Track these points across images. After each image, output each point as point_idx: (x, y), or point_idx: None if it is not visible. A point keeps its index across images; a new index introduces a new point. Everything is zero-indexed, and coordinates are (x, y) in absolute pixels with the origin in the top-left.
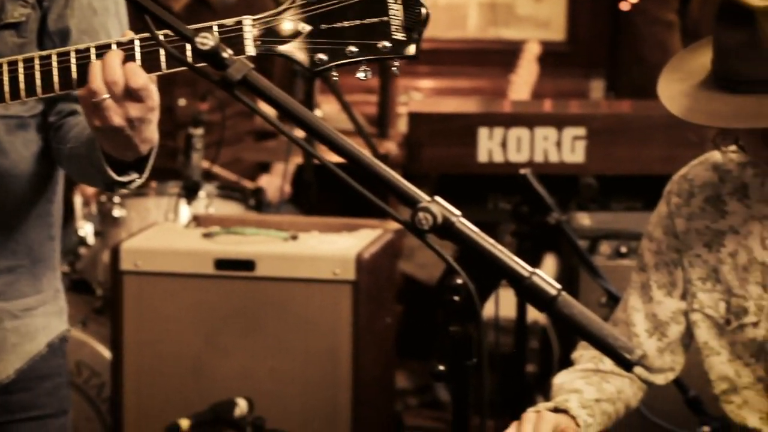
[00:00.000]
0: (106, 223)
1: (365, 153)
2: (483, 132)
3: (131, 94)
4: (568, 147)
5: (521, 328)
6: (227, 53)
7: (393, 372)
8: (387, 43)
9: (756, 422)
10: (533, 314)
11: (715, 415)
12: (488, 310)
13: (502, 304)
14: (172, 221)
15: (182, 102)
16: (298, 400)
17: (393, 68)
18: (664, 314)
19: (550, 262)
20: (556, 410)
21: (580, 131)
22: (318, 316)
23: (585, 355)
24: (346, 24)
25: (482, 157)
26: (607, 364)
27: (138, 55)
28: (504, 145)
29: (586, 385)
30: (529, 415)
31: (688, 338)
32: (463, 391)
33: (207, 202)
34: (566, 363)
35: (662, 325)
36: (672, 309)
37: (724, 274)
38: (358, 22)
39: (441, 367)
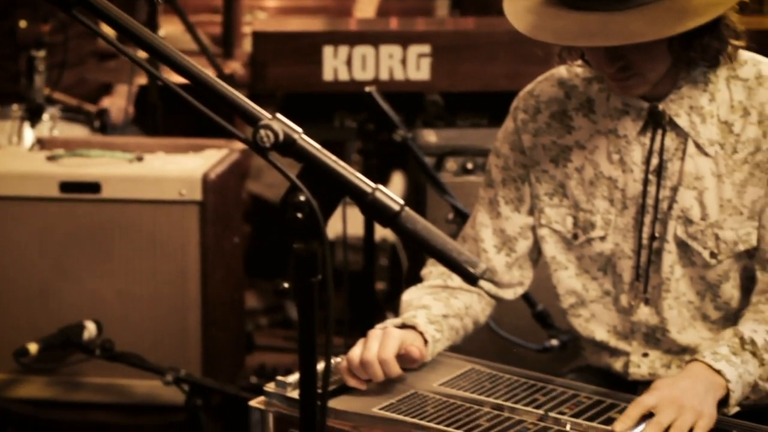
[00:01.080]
0: None
1: (208, 73)
2: (328, 50)
3: None
4: (413, 64)
5: (369, 245)
6: None
7: (242, 292)
8: None
9: (603, 335)
10: (382, 232)
11: (563, 329)
12: (337, 228)
13: (351, 222)
14: (16, 145)
15: (23, 24)
16: (147, 321)
17: None
18: (512, 229)
19: (397, 179)
20: (403, 326)
21: (425, 49)
22: (165, 238)
23: (434, 271)
24: None
25: (328, 75)
26: (456, 280)
27: None
28: (349, 63)
29: (434, 301)
30: (376, 332)
31: (536, 253)
32: (309, 309)
33: (51, 125)
34: (415, 280)
35: (510, 240)
36: (520, 224)
37: (570, 189)
38: None
39: (285, 285)
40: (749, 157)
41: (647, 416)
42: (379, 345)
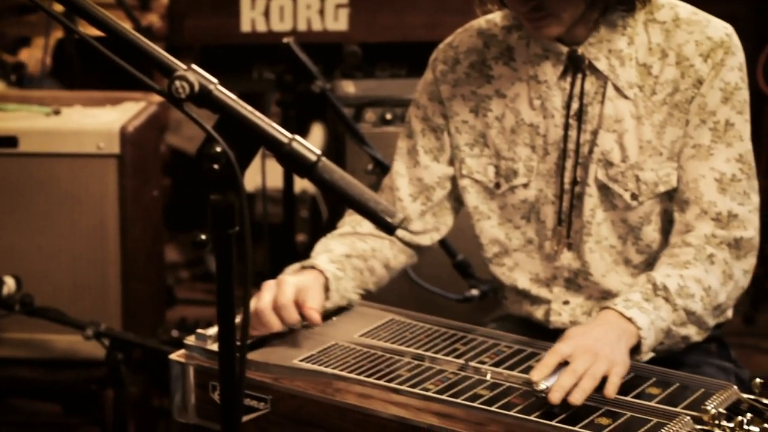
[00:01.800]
0: None
1: (124, 26)
2: (245, 2)
3: None
4: (331, 15)
5: (289, 197)
6: None
7: (162, 246)
8: None
9: (526, 283)
10: (302, 184)
11: (483, 279)
12: (256, 181)
13: (271, 174)
14: None
15: None
16: (67, 276)
17: None
18: (430, 179)
19: (316, 130)
20: (303, 269)
21: None
22: (84, 192)
23: (346, 221)
24: None
25: (245, 26)
26: (365, 227)
27: None
28: (267, 14)
29: (339, 245)
30: (269, 283)
31: (454, 201)
32: (226, 261)
33: None
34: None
35: (427, 189)
36: (438, 174)
37: (491, 138)
38: None
39: (203, 237)
40: (668, 98)
41: (562, 364)
42: (272, 294)
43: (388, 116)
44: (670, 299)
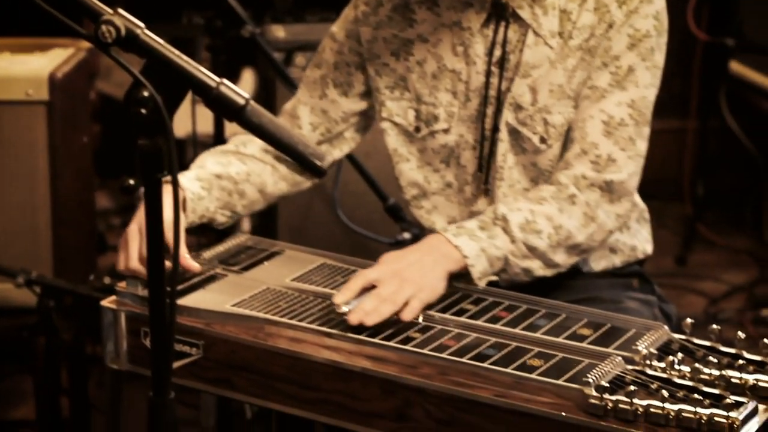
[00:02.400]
0: None
1: None
2: None
3: None
4: None
5: (219, 142)
6: None
7: (93, 192)
8: None
9: (444, 226)
10: (233, 129)
11: (415, 222)
12: (187, 126)
13: (202, 120)
14: None
15: None
16: None
17: None
18: (335, 113)
19: (247, 76)
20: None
21: None
22: (13, 139)
23: (234, 138)
24: None
25: None
26: (250, 148)
27: None
28: None
29: (214, 163)
30: (132, 230)
31: (355, 133)
32: (155, 205)
33: None
34: None
35: (330, 121)
36: (344, 109)
37: (412, 82)
38: None
39: (131, 182)
40: (583, 43)
41: (370, 289)
42: (137, 245)
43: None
44: (509, 230)
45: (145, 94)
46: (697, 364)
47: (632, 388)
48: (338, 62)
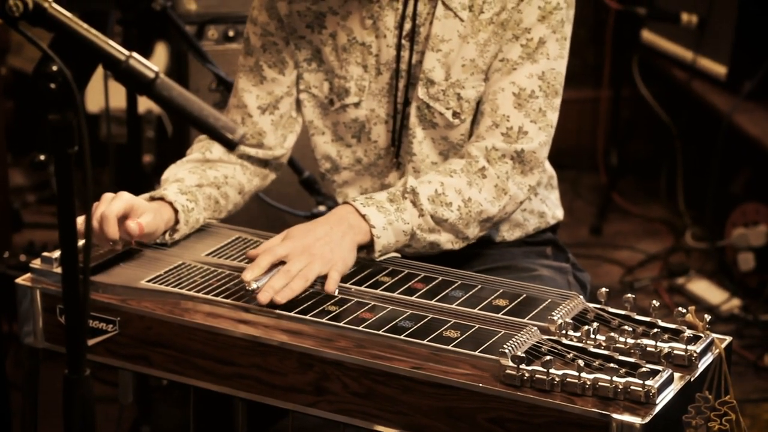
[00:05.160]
0: None
1: None
2: None
3: None
4: None
5: (133, 117)
6: None
7: (6, 169)
8: None
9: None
10: (148, 104)
11: (330, 195)
12: (100, 101)
13: (115, 95)
14: None
15: None
16: None
17: None
18: (280, 90)
19: (160, 50)
20: (152, 199)
21: None
22: None
23: (194, 147)
24: None
25: None
26: (215, 152)
27: None
28: None
29: (189, 174)
30: (107, 194)
31: (299, 109)
32: (66, 181)
33: None
34: (179, 150)
35: (277, 100)
36: (287, 83)
37: (326, 55)
38: None
39: (42, 157)
40: (494, 17)
41: (279, 264)
42: (106, 205)
43: (231, 33)
44: (418, 203)
45: (54, 68)
46: (612, 333)
47: (548, 358)
48: (265, 44)
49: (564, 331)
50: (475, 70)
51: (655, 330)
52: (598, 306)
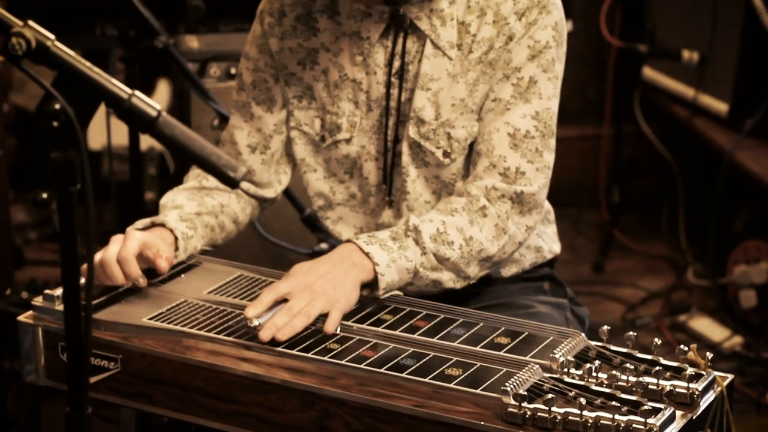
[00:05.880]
0: None
1: None
2: None
3: None
4: None
5: (135, 154)
6: None
7: (8, 206)
8: None
9: (350, 236)
10: (150, 141)
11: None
12: (103, 139)
13: (118, 132)
14: None
15: None
16: None
17: None
18: (267, 128)
19: (162, 87)
20: (153, 225)
21: None
22: None
23: (190, 174)
24: None
25: None
26: (211, 180)
27: None
28: None
29: (188, 201)
30: (117, 235)
31: (291, 149)
32: (69, 218)
33: None
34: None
35: (265, 138)
36: (274, 122)
37: (318, 91)
38: None
39: (44, 195)
40: (483, 56)
41: (282, 302)
42: (118, 246)
43: (233, 71)
44: (420, 241)
45: (57, 106)
46: (614, 371)
47: (550, 396)
48: (255, 80)
49: (566, 369)
50: (465, 109)
51: (657, 368)
52: (600, 344)
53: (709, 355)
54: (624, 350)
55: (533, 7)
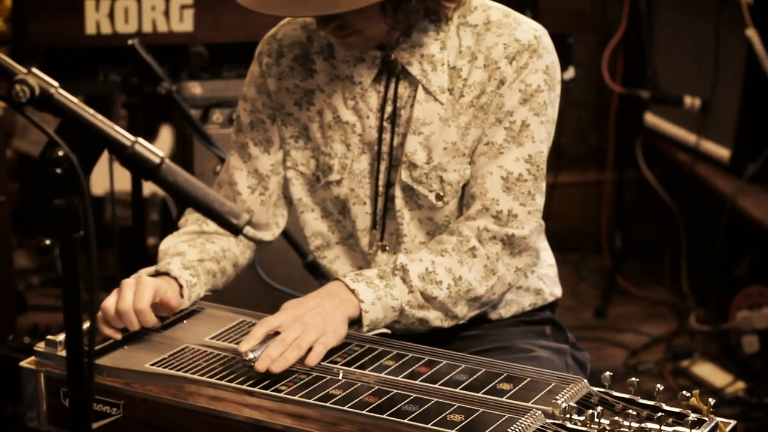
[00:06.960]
0: None
1: None
2: (90, 4)
3: None
4: (176, 16)
5: (138, 200)
6: None
7: (11, 251)
8: None
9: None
10: (152, 187)
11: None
12: (106, 184)
13: (120, 178)
14: None
15: None
16: None
17: None
18: (264, 169)
19: (165, 133)
20: (157, 274)
21: (188, 0)
22: None
23: (189, 219)
24: None
25: (90, 29)
26: (211, 225)
27: None
28: (111, 16)
29: (189, 248)
30: (129, 281)
31: (288, 190)
32: (71, 265)
33: None
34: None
35: (263, 179)
36: (271, 162)
37: (313, 131)
38: None
39: (47, 242)
40: (475, 100)
41: (274, 335)
42: (133, 294)
43: (235, 116)
44: (407, 280)
45: (60, 153)
46: (616, 417)
47: None
48: (253, 121)
49: (568, 415)
50: (457, 153)
51: (660, 414)
52: (602, 389)
53: (712, 400)
54: (626, 396)
55: (524, 51)
